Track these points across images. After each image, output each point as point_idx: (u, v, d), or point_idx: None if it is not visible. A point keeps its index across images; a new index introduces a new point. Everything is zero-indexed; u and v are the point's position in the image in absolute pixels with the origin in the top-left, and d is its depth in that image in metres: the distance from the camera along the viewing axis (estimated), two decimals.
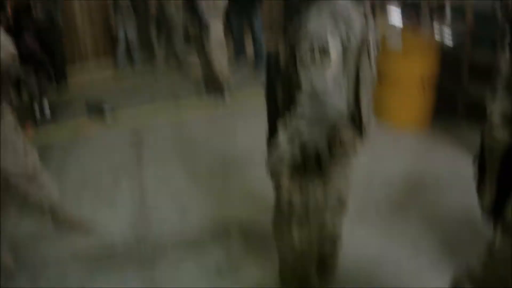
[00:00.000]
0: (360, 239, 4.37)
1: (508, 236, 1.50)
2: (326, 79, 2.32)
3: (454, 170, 5.39)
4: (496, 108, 1.77)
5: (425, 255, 4.20)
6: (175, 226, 4.75)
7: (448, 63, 6.17)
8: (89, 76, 8.94)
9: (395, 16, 6.71)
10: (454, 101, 6.28)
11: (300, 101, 2.41)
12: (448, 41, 6.40)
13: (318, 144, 2.55)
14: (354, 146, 2.83)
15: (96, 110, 7.29)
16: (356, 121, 2.78)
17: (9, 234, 4.38)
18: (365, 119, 2.79)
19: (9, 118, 4.11)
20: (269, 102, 2.88)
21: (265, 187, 4.69)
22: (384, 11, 6.74)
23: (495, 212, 1.72)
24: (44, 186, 4.46)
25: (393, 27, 6.58)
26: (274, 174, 2.80)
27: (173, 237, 4.58)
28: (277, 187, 3.06)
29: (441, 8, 6.41)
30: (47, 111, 7.26)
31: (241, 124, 6.81)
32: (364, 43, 2.69)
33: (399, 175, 5.42)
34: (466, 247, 4.16)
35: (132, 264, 4.26)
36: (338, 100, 2.36)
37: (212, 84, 7.76)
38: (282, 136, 2.59)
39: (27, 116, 6.92)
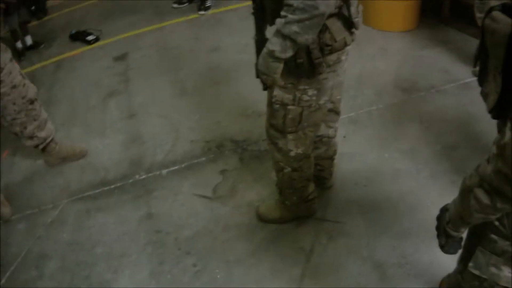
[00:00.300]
0: (355, 147, 4.38)
1: None
2: None
3: (442, 70, 5.32)
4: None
5: (422, 161, 4.17)
6: (168, 150, 4.72)
7: None
8: (69, 6, 8.71)
9: None
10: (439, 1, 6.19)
11: None
12: None
13: (308, 37, 2.49)
14: (344, 40, 2.77)
15: (80, 41, 7.14)
16: (345, 14, 2.71)
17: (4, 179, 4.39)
18: (353, 10, 2.72)
19: (6, 50, 4.07)
20: (256, 3, 2.82)
21: (254, 97, 4.68)
22: None
23: (501, 108, 1.65)
24: (41, 119, 4.42)
25: None
26: (264, 73, 2.72)
27: (167, 163, 4.56)
28: (269, 91, 3.02)
29: None
30: (30, 43, 7.15)
31: (227, 34, 6.68)
32: None
33: (388, 76, 5.36)
34: (463, 149, 4.18)
35: (128, 196, 4.26)
36: None
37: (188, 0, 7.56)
38: (271, 31, 2.54)
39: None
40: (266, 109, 3.12)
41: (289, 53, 2.53)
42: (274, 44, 2.52)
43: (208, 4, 7.25)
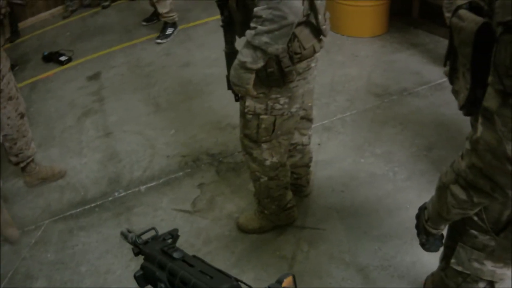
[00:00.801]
0: (330, 154, 4.42)
1: (489, 122, 1.46)
2: None
3: (413, 73, 5.39)
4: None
5: (398, 164, 4.22)
6: (146, 166, 4.73)
7: None
8: (40, 28, 8.64)
9: None
10: (409, 3, 6.24)
11: (258, 0, 2.41)
12: None
13: (278, 46, 2.52)
14: (313, 48, 2.82)
15: (53, 62, 7.10)
16: (312, 22, 2.76)
17: None
18: (320, 18, 2.76)
19: (6, 59, 4.10)
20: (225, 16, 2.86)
21: (227, 110, 4.69)
22: None
23: (472, 105, 1.67)
24: (29, 136, 4.43)
25: None
26: (237, 84, 2.75)
27: (145, 180, 4.57)
28: (241, 102, 3.06)
29: None
30: None
31: (197, 48, 6.69)
32: None
33: (360, 82, 5.39)
34: (438, 149, 4.25)
35: (109, 214, 4.26)
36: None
37: (157, 15, 7.44)
38: (241, 43, 2.59)
39: None
40: (239, 120, 3.15)
41: (260, 64, 2.57)
42: (245, 55, 2.55)
43: (168, 32, 7.12)
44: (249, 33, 2.49)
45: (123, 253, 3.81)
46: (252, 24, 2.46)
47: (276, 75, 2.75)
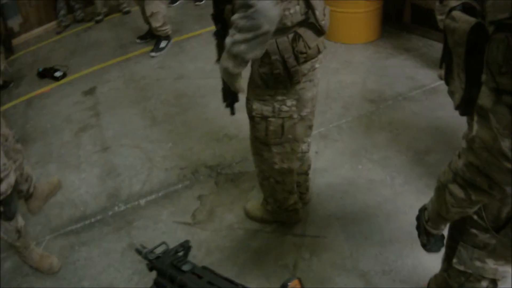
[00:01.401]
0: (328, 161, 4.44)
1: (484, 120, 1.49)
2: None
3: (407, 78, 5.42)
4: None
5: (395, 169, 4.25)
6: (144, 180, 4.72)
7: None
8: (34, 44, 8.64)
9: None
10: (401, 7, 6.26)
11: (236, 9, 2.44)
12: None
13: (257, 52, 2.54)
14: (317, 47, 2.86)
15: (48, 77, 7.11)
16: (313, 22, 2.79)
17: None
18: (318, 14, 2.79)
19: None
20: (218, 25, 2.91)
21: (223, 121, 4.70)
22: None
23: (467, 104, 1.69)
24: (23, 160, 4.38)
25: None
26: (227, 82, 2.79)
27: (144, 193, 4.57)
28: (248, 106, 3.10)
29: None
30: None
31: (191, 61, 6.71)
32: None
33: (354, 88, 5.43)
34: (435, 153, 4.27)
35: (109, 228, 4.25)
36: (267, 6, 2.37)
37: (151, 33, 7.45)
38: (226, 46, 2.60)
39: None
40: (249, 122, 3.19)
41: (242, 68, 2.61)
42: (226, 61, 2.59)
43: (162, 45, 7.11)
44: (228, 41, 2.51)
45: (125, 266, 3.81)
46: (230, 31, 2.49)
47: (283, 76, 2.79)
